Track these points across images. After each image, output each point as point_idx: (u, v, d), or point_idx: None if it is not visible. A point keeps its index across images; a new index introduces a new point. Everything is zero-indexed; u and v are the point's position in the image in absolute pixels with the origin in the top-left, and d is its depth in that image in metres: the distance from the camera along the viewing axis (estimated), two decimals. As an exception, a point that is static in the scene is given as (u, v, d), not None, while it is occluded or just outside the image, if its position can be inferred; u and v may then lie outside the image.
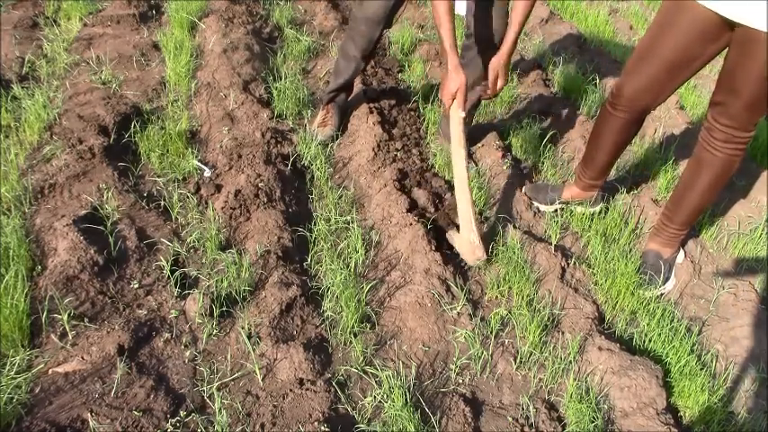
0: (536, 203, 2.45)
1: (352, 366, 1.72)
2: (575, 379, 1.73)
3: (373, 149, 2.63)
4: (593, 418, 1.63)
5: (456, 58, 2.10)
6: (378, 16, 2.40)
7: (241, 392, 1.62)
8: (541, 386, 1.74)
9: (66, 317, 1.69)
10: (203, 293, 1.82)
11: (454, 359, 1.77)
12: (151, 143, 2.51)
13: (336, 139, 2.72)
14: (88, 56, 3.12)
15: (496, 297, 2.00)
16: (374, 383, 1.67)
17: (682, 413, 1.74)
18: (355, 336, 1.81)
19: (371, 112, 2.83)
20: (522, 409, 1.67)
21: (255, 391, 1.62)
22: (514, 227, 2.26)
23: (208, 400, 1.59)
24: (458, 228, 2.09)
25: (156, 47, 3.35)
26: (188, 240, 2.07)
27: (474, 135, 2.83)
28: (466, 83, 2.09)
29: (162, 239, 2.06)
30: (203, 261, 2.01)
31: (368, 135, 2.68)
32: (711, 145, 1.88)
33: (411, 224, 2.14)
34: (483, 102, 3.17)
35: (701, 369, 1.82)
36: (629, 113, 2.01)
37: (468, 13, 2.44)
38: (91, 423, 1.46)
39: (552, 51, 3.87)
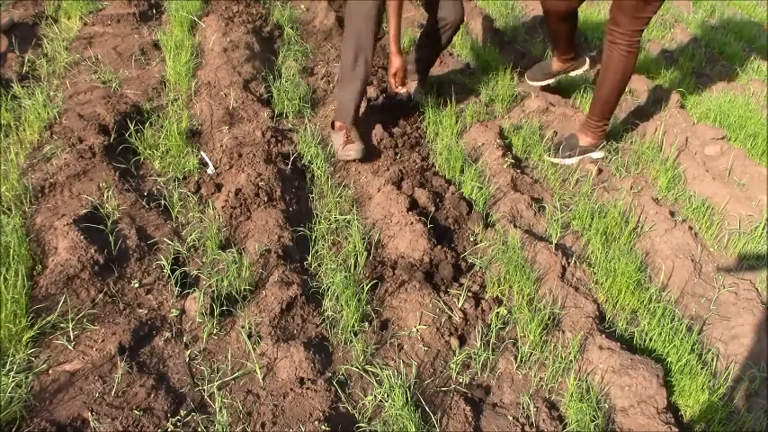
0: (535, 83, 3.17)
1: (352, 365, 1.72)
2: (575, 378, 1.73)
3: (374, 148, 2.63)
4: (594, 417, 1.63)
5: (396, 47, 2.56)
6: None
7: (241, 392, 1.62)
8: (542, 385, 1.74)
9: (66, 316, 1.69)
10: (204, 293, 1.82)
11: (454, 358, 1.77)
12: (151, 142, 2.51)
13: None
14: (88, 55, 3.12)
15: (497, 296, 2.00)
16: (374, 383, 1.67)
17: (682, 412, 1.74)
18: (356, 335, 1.81)
19: (371, 111, 2.83)
20: (523, 408, 1.67)
21: (256, 390, 1.62)
22: (515, 226, 2.25)
23: (208, 400, 1.59)
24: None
25: (156, 46, 3.35)
26: (188, 239, 2.07)
27: (474, 134, 2.83)
28: (403, 66, 2.62)
29: (162, 239, 2.06)
30: (204, 260, 2.01)
31: (368, 134, 2.68)
32: (608, 48, 2.54)
33: (411, 223, 2.14)
34: (483, 99, 3.17)
35: (702, 368, 1.82)
36: (556, 15, 2.72)
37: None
38: (91, 422, 1.46)
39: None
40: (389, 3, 2.46)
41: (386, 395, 1.62)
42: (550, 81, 3.16)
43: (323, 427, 1.50)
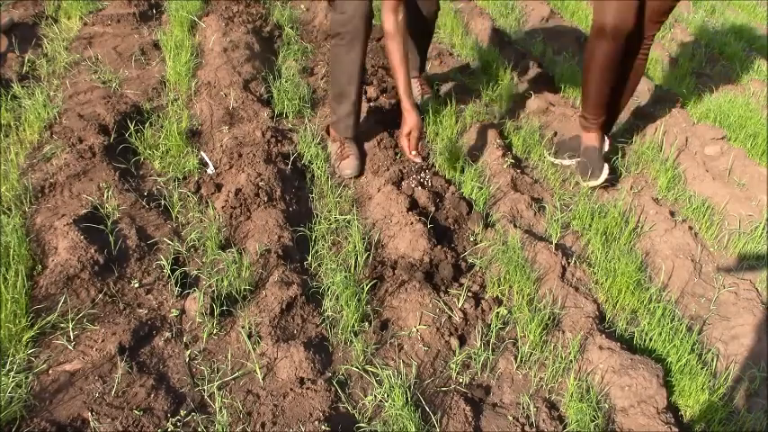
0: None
1: (352, 365, 1.72)
2: (575, 378, 1.73)
3: (373, 148, 2.63)
4: (594, 417, 1.63)
5: (408, 102, 2.30)
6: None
7: (241, 392, 1.62)
8: (542, 385, 1.74)
9: (66, 316, 1.69)
10: (204, 293, 1.82)
11: (454, 358, 1.77)
12: (151, 142, 2.51)
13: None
14: (88, 55, 3.12)
15: (497, 296, 2.00)
16: (374, 383, 1.67)
17: (682, 412, 1.74)
18: (356, 335, 1.81)
19: (371, 111, 2.83)
20: (523, 408, 1.67)
21: (256, 390, 1.62)
22: (515, 226, 2.25)
23: (208, 400, 1.59)
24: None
25: (156, 46, 3.35)
26: (188, 239, 2.07)
27: (474, 134, 2.83)
28: (419, 124, 2.34)
29: (162, 239, 2.06)
30: (204, 260, 2.01)
31: (368, 134, 2.68)
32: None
33: (411, 223, 2.14)
34: (483, 99, 3.17)
35: (702, 368, 1.82)
36: (615, 42, 2.33)
37: None
38: (91, 422, 1.46)
39: (553, 50, 3.87)
40: (394, 51, 2.23)
41: (386, 395, 1.62)
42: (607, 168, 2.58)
43: (323, 427, 1.50)
